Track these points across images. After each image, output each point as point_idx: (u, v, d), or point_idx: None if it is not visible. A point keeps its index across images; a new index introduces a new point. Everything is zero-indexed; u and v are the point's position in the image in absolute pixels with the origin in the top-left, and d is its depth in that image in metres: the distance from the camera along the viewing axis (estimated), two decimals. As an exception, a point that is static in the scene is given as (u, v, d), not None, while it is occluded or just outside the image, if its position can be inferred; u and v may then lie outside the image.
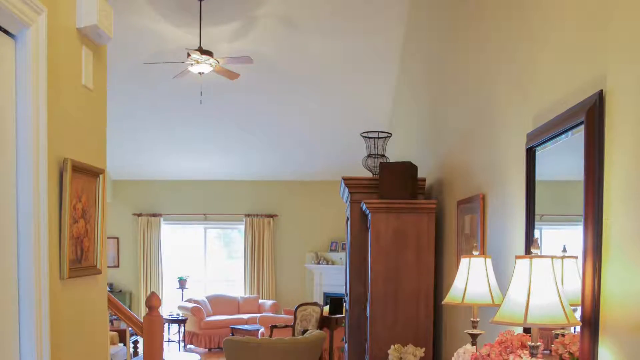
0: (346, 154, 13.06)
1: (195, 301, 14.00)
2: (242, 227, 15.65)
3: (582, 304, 2.92)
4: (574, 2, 3.24)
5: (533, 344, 2.76)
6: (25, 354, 2.73)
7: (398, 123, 10.69)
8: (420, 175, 7.49)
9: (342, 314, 11.32)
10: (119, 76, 10.21)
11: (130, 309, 13.18)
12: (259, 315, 13.02)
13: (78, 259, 3.41)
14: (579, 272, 3.03)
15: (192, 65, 9.09)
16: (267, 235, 15.39)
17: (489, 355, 3.16)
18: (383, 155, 8.00)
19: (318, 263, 15.04)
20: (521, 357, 3.02)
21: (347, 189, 7.24)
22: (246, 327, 12.86)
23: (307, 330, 9.44)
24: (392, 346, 6.09)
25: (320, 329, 10.79)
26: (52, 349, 2.86)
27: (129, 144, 13.48)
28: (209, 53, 9.03)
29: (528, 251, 3.72)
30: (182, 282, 15.18)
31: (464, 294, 3.82)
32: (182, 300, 14.75)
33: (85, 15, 3.64)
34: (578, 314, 2.93)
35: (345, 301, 8.46)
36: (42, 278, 2.90)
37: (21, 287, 2.81)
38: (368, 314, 6.68)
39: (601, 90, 2.86)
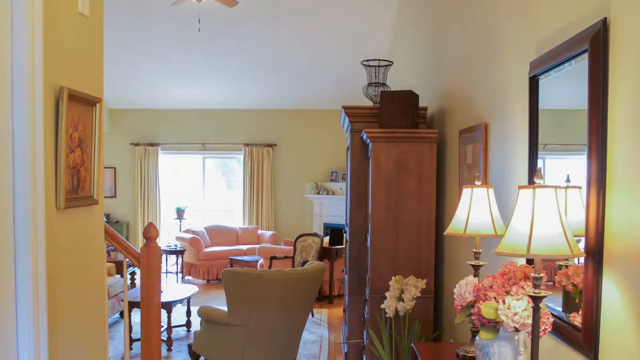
0: (346, 82, 12.95)
1: (194, 232, 14.01)
2: (241, 156, 15.62)
3: (586, 235, 2.91)
4: None
5: (536, 275, 2.74)
6: (21, 285, 2.70)
7: (399, 51, 10.57)
8: (421, 104, 7.42)
9: (342, 244, 11.38)
10: (116, 4, 10.05)
11: (127, 240, 13.18)
12: (258, 246, 13.05)
13: (74, 189, 3.37)
14: (582, 203, 3.01)
15: (189, -9, 8.94)
16: (267, 165, 15.37)
17: (491, 286, 3.14)
18: (384, 84, 7.93)
19: (318, 193, 15.05)
20: (524, 289, 3.00)
21: (347, 118, 7.17)
22: (245, 258, 12.92)
23: (307, 261, 9.49)
24: (393, 277, 6.10)
25: (320, 260, 10.85)
26: (48, 280, 2.84)
27: (126, 73, 13.36)
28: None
29: (531, 181, 3.70)
30: (180, 213, 15.19)
31: (466, 224, 3.80)
32: (180, 231, 14.79)
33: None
34: (582, 245, 2.92)
35: (345, 232, 8.47)
36: (38, 208, 2.86)
37: (17, 218, 2.78)
38: (369, 244, 6.67)
39: (605, 18, 2.80)
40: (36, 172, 2.91)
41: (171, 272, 14.22)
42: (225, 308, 6.39)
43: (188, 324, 8.97)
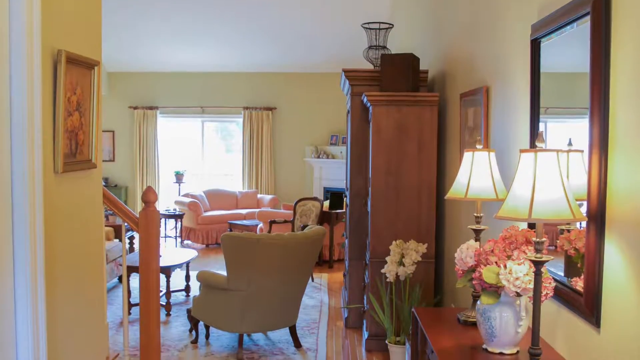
0: (347, 45, 12.86)
1: (193, 196, 13.98)
2: (241, 120, 15.54)
3: (588, 199, 2.90)
4: None
5: (538, 239, 2.72)
6: (19, 248, 2.69)
7: (400, 14, 10.49)
8: (422, 67, 7.37)
9: (342, 209, 11.38)
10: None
11: (126, 204, 13.22)
12: (257, 210, 13.04)
13: (72, 152, 3.35)
14: (584, 166, 2.99)
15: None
16: (266, 129, 15.32)
17: (492, 251, 3.13)
18: (384, 47, 7.88)
19: (318, 157, 15.01)
20: (525, 253, 2.99)
21: (347, 82, 7.13)
22: (244, 222, 12.91)
23: (307, 225, 9.49)
24: (393, 242, 6.10)
25: (320, 225, 10.85)
26: (46, 244, 2.83)
27: (125, 35, 13.26)
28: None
29: (533, 145, 3.69)
30: (179, 177, 15.16)
31: (467, 188, 3.78)
32: (179, 195, 14.75)
33: None
34: (584, 209, 2.90)
35: (345, 196, 8.47)
36: (36, 172, 2.84)
37: (14, 182, 2.76)
38: (369, 209, 6.67)
39: (608, -20, 2.76)
40: (34, 136, 2.88)
41: (170, 237, 14.21)
42: (224, 273, 6.39)
43: (187, 289, 8.98)
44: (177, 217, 13.40)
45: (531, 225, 3.44)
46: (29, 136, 2.85)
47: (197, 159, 16.09)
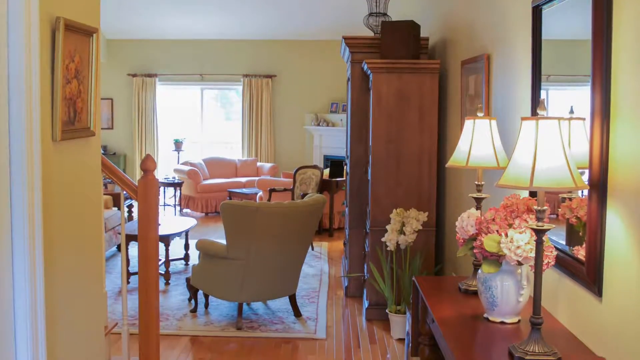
0: (347, 12, 12.76)
1: (192, 164, 13.93)
2: (240, 88, 15.47)
3: (590, 167, 2.89)
4: None
5: (539, 208, 2.71)
6: (17, 217, 2.68)
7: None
8: (423, 34, 7.32)
9: (342, 177, 11.37)
10: None
11: (124, 172, 13.22)
12: (257, 178, 13.01)
13: (71, 120, 3.33)
14: (586, 134, 2.98)
15: None
16: (266, 96, 15.25)
17: (493, 219, 3.12)
18: (385, 14, 7.83)
19: (318, 125, 14.96)
20: (527, 222, 2.98)
21: (347, 49, 7.10)
22: (244, 190, 12.90)
23: (307, 194, 9.47)
24: (394, 210, 6.10)
25: (320, 193, 10.85)
26: (44, 213, 2.81)
27: (124, 2, 13.15)
28: None
29: (534, 112, 3.68)
30: (178, 145, 15.11)
31: (468, 156, 3.76)
32: (178, 163, 14.70)
33: None
34: (585, 177, 2.89)
35: (345, 164, 8.45)
36: (34, 140, 2.82)
37: (12, 150, 2.74)
38: (369, 177, 6.66)
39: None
40: (32, 104, 2.86)
41: (169, 205, 14.20)
42: (223, 241, 6.38)
43: (186, 258, 8.98)
44: (176, 185, 13.39)
45: (532, 194, 3.43)
46: (27, 104, 2.83)
47: (197, 127, 16.04)
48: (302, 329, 6.41)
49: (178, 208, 13.73)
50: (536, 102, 3.69)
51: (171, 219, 9.29)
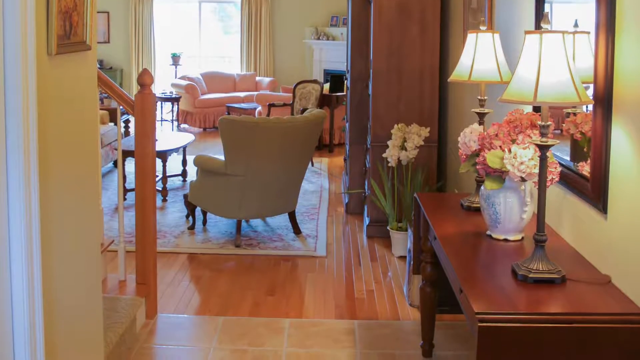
0: None
1: (189, 78, 13.80)
2: (239, 1, 15.26)
3: (595, 82, 2.85)
4: None
5: (543, 123, 2.68)
6: (11, 131, 2.64)
7: None
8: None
9: (343, 91, 11.28)
10: None
11: (121, 87, 13.10)
12: (256, 93, 12.94)
13: (67, 34, 3.25)
14: (591, 48, 2.95)
15: None
16: (265, 9, 15.04)
17: (496, 135, 3.08)
18: None
19: (318, 39, 14.80)
20: (530, 137, 2.95)
21: (348, -40, 6.96)
22: (243, 105, 12.83)
23: (307, 109, 9.40)
24: (395, 125, 6.05)
25: (320, 108, 10.78)
26: (39, 127, 2.77)
27: None
28: None
29: (538, 26, 3.60)
30: (175, 59, 14.93)
31: (471, 70, 3.71)
32: (176, 77, 14.57)
33: None
34: (590, 92, 2.86)
35: (346, 78, 8.38)
36: (29, 54, 2.75)
37: (6, 64, 2.68)
38: (370, 92, 6.60)
39: None
40: (26, 17, 2.79)
41: (166, 120, 14.11)
42: (222, 157, 6.35)
43: (184, 174, 8.96)
44: (174, 100, 13.30)
45: (536, 109, 3.39)
46: (22, 17, 2.75)
47: (194, 40, 15.86)
48: (302, 246, 6.44)
49: (175, 123, 13.67)
50: (540, 15, 3.62)
51: (168, 135, 9.26)
